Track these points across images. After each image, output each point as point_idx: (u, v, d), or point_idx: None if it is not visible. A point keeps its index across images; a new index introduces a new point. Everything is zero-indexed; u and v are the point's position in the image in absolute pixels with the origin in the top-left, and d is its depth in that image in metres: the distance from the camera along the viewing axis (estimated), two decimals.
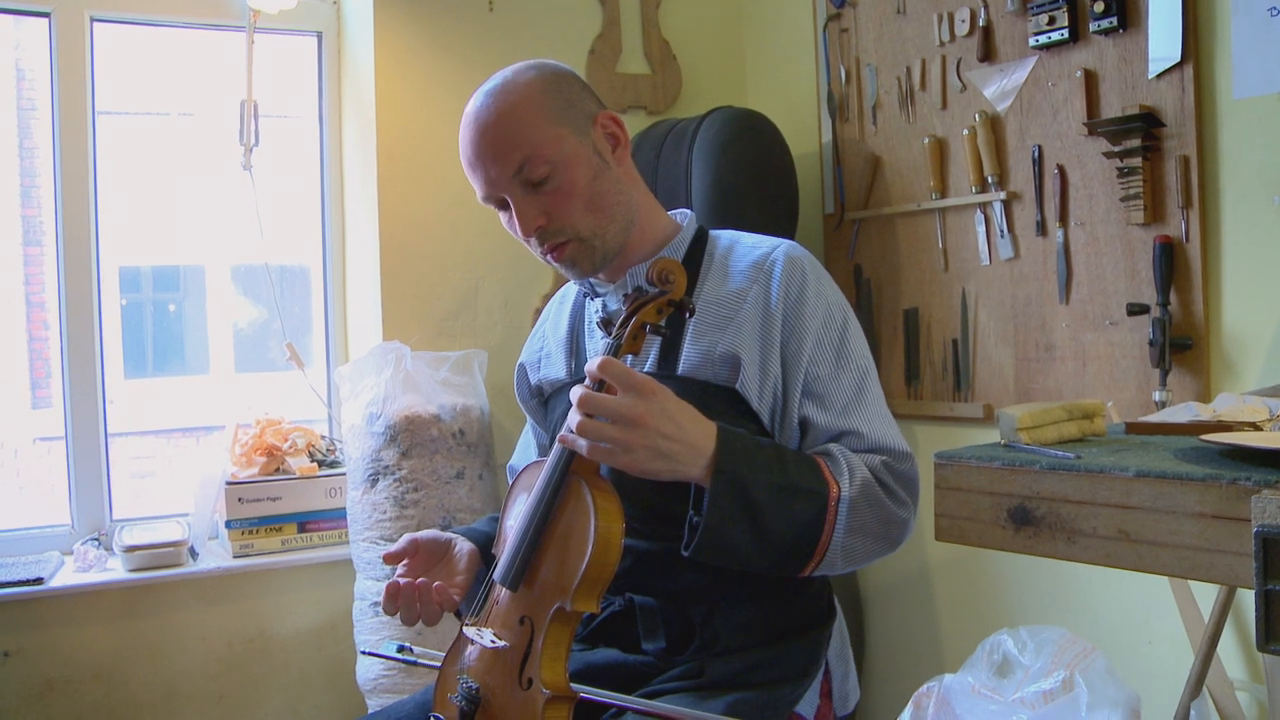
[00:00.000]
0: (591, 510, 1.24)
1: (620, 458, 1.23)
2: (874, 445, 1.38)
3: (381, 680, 2.38)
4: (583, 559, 1.23)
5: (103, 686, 2.43)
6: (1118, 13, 2.07)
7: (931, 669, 2.45)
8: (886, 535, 1.35)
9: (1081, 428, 1.28)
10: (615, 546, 1.24)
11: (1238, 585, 0.97)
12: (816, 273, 1.45)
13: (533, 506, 1.31)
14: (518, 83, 1.41)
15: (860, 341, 1.45)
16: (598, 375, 1.24)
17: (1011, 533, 1.13)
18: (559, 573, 1.27)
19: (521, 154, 1.36)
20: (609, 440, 1.22)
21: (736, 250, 1.49)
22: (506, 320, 2.76)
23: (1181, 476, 1.00)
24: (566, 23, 2.84)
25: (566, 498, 1.29)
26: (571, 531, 1.27)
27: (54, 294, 2.66)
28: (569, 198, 1.39)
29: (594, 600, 1.25)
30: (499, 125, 1.38)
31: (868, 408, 1.40)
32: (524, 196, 1.39)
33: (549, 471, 1.31)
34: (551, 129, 1.38)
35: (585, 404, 1.23)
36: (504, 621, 1.33)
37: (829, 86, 2.75)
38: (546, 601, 1.27)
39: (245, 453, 2.62)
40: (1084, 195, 2.19)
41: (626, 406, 1.22)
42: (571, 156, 1.39)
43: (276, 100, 2.83)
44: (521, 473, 1.47)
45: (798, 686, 1.40)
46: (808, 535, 1.30)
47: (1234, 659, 2.00)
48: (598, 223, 1.41)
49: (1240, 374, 1.97)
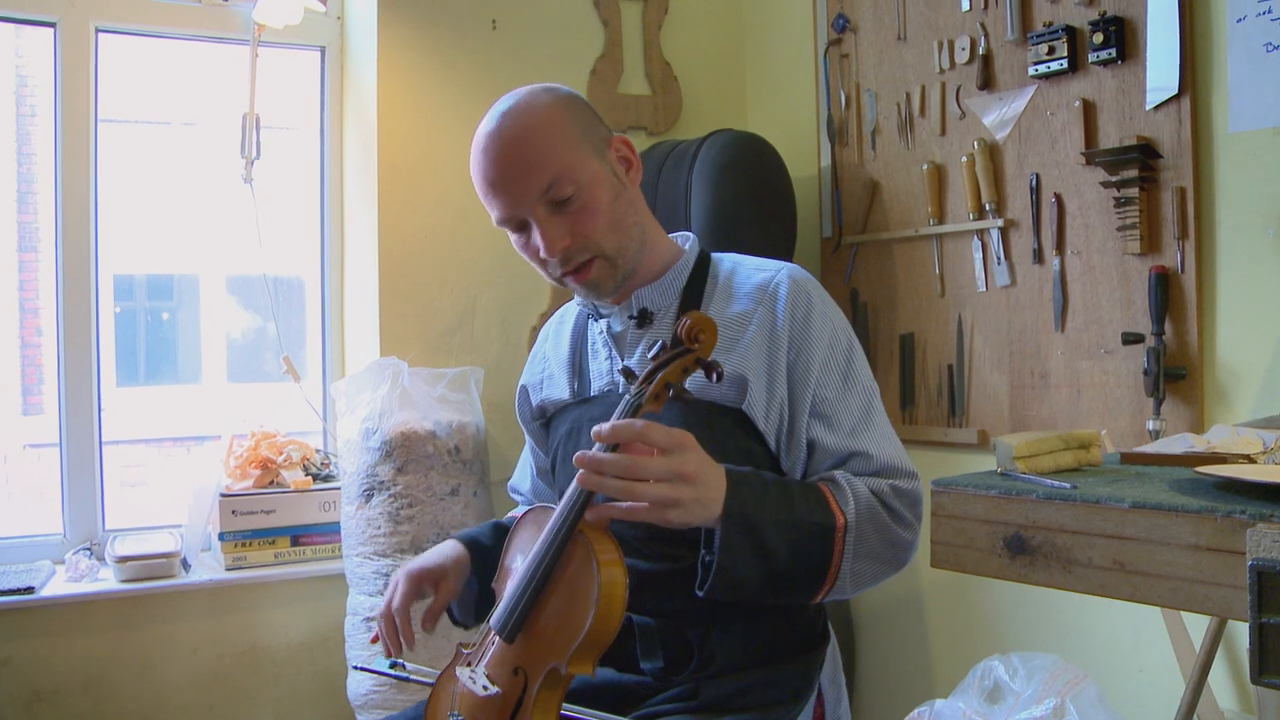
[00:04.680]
0: (595, 574, 1.22)
1: (671, 513, 1.22)
2: (882, 465, 1.40)
3: (373, 695, 2.37)
4: (584, 624, 1.21)
5: (92, 697, 2.42)
6: (1117, 44, 2.09)
7: (923, 694, 2.45)
8: (893, 557, 1.37)
9: (1078, 457, 1.28)
10: (617, 614, 1.22)
11: (1232, 618, 0.97)
12: (821, 296, 1.46)
13: (537, 557, 1.29)
14: (536, 104, 1.40)
15: (865, 364, 1.46)
16: (634, 439, 1.22)
17: (1007, 561, 1.14)
18: (557, 632, 1.25)
19: (549, 174, 1.36)
20: (664, 501, 1.21)
21: (740, 273, 1.50)
22: (504, 338, 2.76)
23: (1177, 508, 1.00)
24: (569, 43, 2.86)
25: (572, 554, 1.27)
26: (574, 592, 1.25)
27: (48, 300, 2.66)
28: (594, 217, 1.39)
29: (590, 664, 1.23)
30: (525, 144, 1.37)
31: (875, 429, 1.42)
32: (549, 217, 1.38)
33: (558, 521, 1.28)
34: (576, 150, 1.39)
35: (637, 469, 1.20)
36: (498, 667, 1.31)
37: (829, 111, 2.77)
38: (542, 659, 1.25)
39: (240, 465, 2.61)
40: (1081, 224, 2.21)
41: (678, 464, 1.22)
42: (594, 177, 1.39)
43: (278, 113, 2.84)
44: (530, 511, 1.44)
45: (791, 710, 1.41)
46: (817, 567, 1.32)
47: (1225, 689, 2.00)
48: (620, 242, 1.42)
49: (1234, 405, 1.98)
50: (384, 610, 1.48)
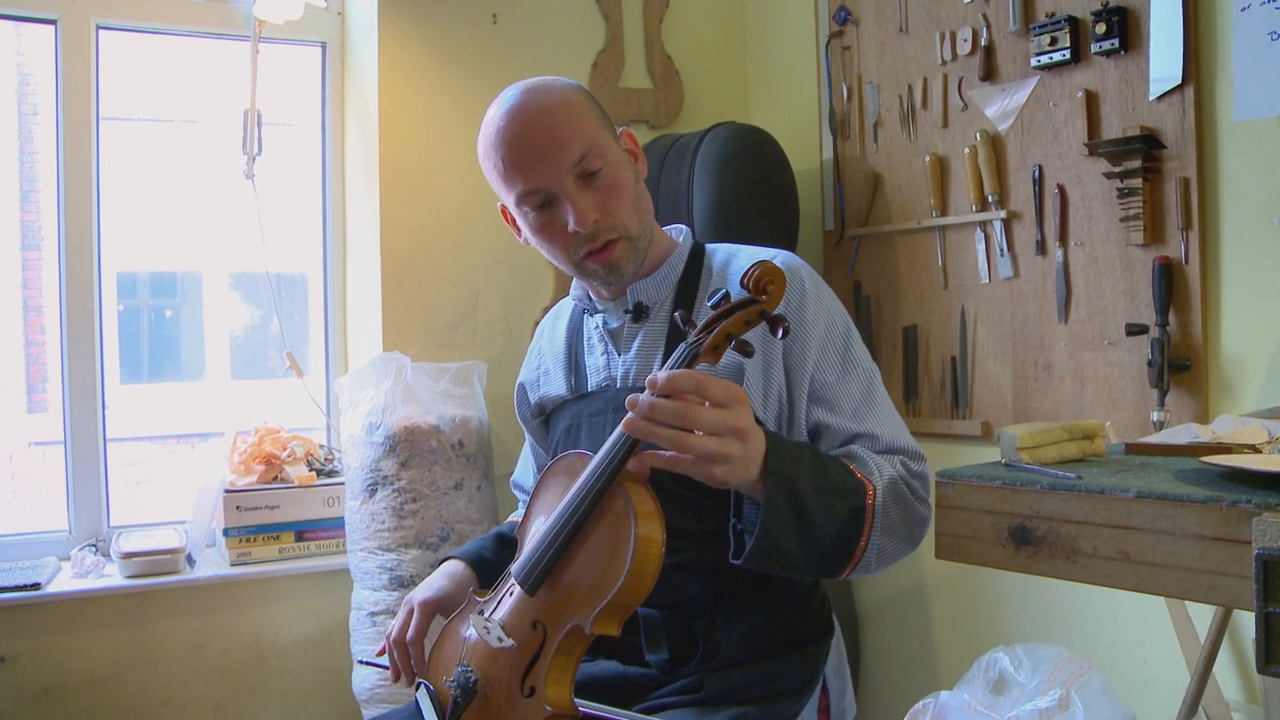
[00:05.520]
0: (633, 527, 1.15)
1: (717, 469, 1.16)
2: (889, 446, 1.39)
3: (378, 690, 2.38)
4: (615, 581, 1.14)
5: (98, 693, 2.43)
6: (1119, 34, 2.09)
7: (927, 686, 2.45)
8: (911, 535, 1.36)
9: (1082, 448, 1.28)
10: (651, 573, 1.15)
11: (1238, 607, 0.97)
12: (815, 282, 1.46)
13: (570, 505, 1.24)
14: (557, 85, 1.41)
15: (863, 347, 1.46)
16: (690, 389, 1.14)
17: (1012, 552, 1.14)
18: (584, 590, 1.18)
19: (584, 144, 1.36)
20: (713, 455, 1.15)
21: (734, 263, 1.50)
22: (507, 332, 2.76)
23: (1182, 498, 1.00)
24: (570, 36, 2.85)
25: (609, 505, 1.19)
26: (607, 546, 1.18)
27: (52, 298, 2.66)
28: (621, 195, 1.40)
29: (616, 625, 1.17)
30: (556, 117, 1.37)
31: (878, 410, 1.42)
32: (579, 190, 1.37)
33: (597, 468, 1.21)
34: (601, 128, 1.41)
35: (691, 419, 1.14)
36: (516, 619, 1.26)
37: (831, 103, 2.77)
38: (565, 615, 1.19)
39: (244, 461, 2.62)
40: (1084, 215, 2.20)
41: (733, 419, 1.16)
42: (618, 158, 1.41)
43: (280, 109, 2.83)
44: (563, 458, 1.36)
45: (796, 702, 1.41)
46: (849, 536, 1.30)
47: (1230, 680, 2.00)
48: (642, 225, 1.43)
49: (1238, 395, 1.98)
50: (395, 637, 1.47)
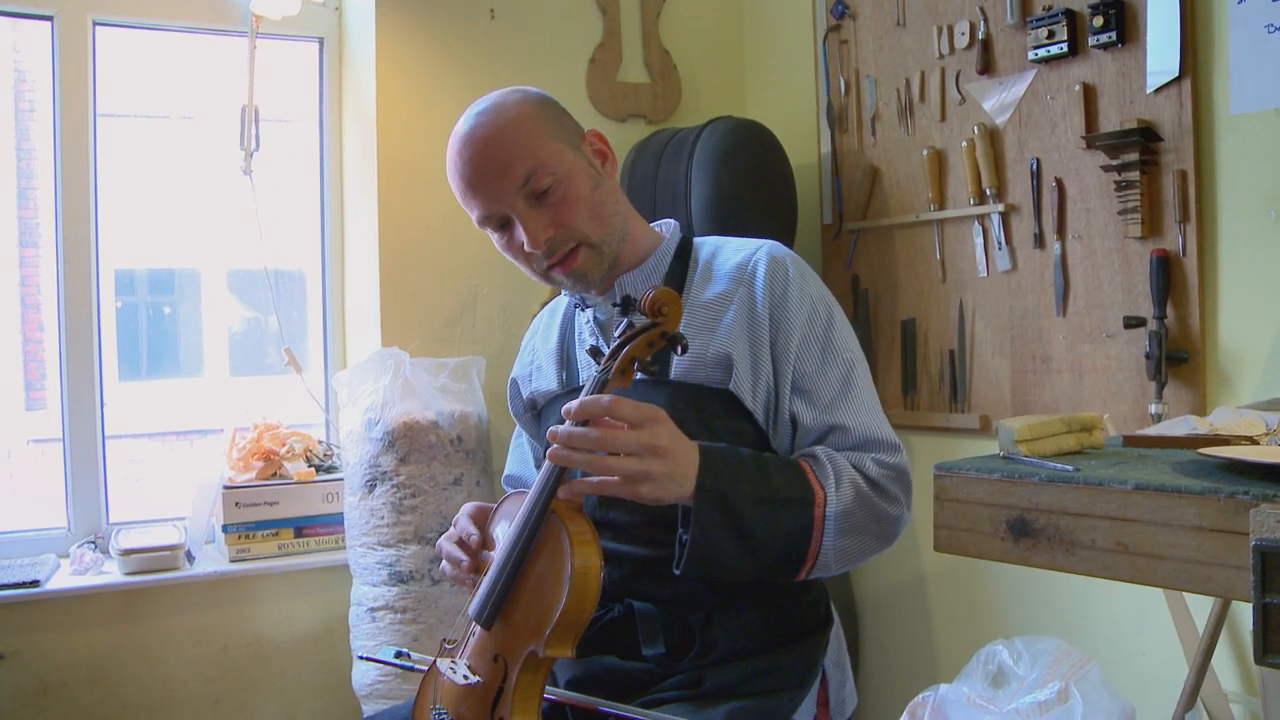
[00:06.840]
0: (568, 555, 1.21)
1: (642, 487, 1.23)
2: (861, 438, 1.40)
3: (378, 685, 2.38)
4: (558, 605, 1.20)
5: (98, 690, 2.43)
6: (1117, 27, 2.09)
7: (926, 679, 2.45)
8: (881, 533, 1.37)
9: (1080, 440, 1.28)
10: (592, 593, 1.22)
11: (1235, 598, 0.97)
12: (800, 270, 1.46)
13: (510, 543, 1.29)
14: (508, 103, 1.43)
15: (847, 335, 1.46)
16: (601, 414, 1.23)
17: (1010, 544, 1.14)
18: (533, 616, 1.24)
19: (527, 166, 1.38)
20: (633, 475, 1.22)
21: (720, 255, 1.51)
22: (505, 327, 2.76)
23: (1180, 490, 1.00)
24: (567, 31, 2.85)
25: (545, 538, 1.27)
26: (547, 575, 1.24)
27: (49, 296, 2.66)
28: (574, 206, 1.40)
29: (569, 646, 1.22)
30: (501, 140, 1.39)
31: (854, 400, 1.42)
32: (530, 210, 1.39)
33: (532, 501, 1.29)
34: (550, 143, 1.41)
35: (606, 443, 1.22)
36: (479, 656, 1.31)
37: (828, 97, 2.76)
38: (520, 643, 1.25)
39: (243, 457, 2.62)
40: (1081, 208, 2.21)
41: (648, 438, 1.23)
42: (571, 168, 1.41)
43: (277, 105, 2.83)
44: (504, 501, 1.45)
45: (795, 695, 1.41)
46: (797, 543, 1.32)
47: (1228, 671, 2.01)
48: (603, 230, 1.44)
49: (1236, 388, 1.98)
50: (454, 536, 1.47)
